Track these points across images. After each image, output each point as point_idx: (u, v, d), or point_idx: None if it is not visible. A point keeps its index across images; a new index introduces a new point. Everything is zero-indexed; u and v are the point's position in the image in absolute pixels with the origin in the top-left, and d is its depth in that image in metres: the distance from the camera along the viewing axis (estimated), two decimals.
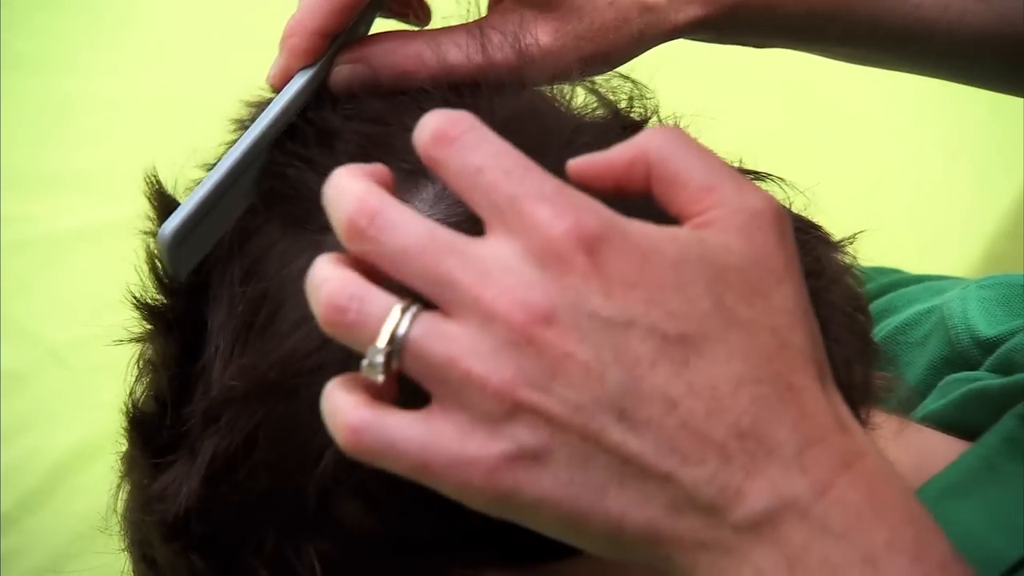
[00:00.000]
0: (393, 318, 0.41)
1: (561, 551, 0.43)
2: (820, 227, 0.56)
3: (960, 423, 0.58)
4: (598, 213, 0.41)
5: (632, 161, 0.44)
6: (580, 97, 0.56)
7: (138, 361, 0.56)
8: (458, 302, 0.41)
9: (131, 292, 0.55)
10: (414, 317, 0.41)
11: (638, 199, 0.44)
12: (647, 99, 0.56)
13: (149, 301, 0.54)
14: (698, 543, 0.41)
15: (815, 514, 0.40)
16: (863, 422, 0.53)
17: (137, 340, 0.56)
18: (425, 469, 0.41)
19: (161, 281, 0.54)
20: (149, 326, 0.55)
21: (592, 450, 0.40)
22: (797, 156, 1.13)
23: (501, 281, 0.41)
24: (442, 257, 0.41)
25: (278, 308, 0.50)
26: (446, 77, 0.54)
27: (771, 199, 0.43)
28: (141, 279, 0.55)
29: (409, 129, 0.44)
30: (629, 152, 0.44)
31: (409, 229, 0.42)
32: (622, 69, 0.58)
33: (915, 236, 1.11)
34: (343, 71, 0.54)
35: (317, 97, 0.55)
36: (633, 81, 0.57)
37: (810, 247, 0.53)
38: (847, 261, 0.55)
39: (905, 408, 0.60)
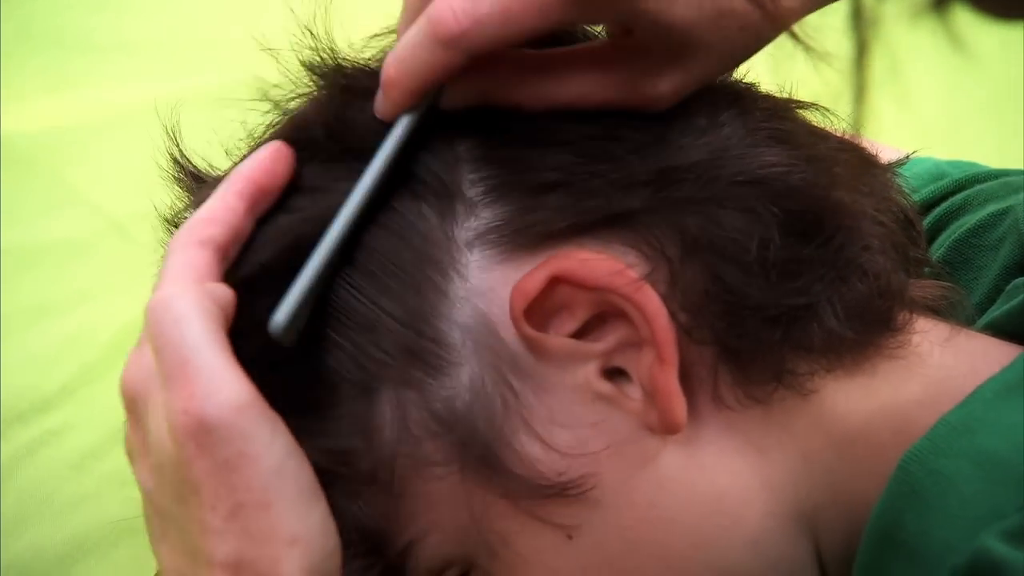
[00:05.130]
0: None
1: None
2: (863, 149, 0.58)
3: (1022, 327, 0.56)
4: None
5: None
6: None
7: None
8: None
9: None
10: None
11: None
12: None
13: None
14: None
15: None
16: (901, 325, 0.54)
17: None
18: None
19: None
20: None
21: None
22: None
23: None
24: None
25: None
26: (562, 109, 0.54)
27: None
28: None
29: None
30: None
31: None
32: None
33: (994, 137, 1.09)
34: (456, 96, 0.54)
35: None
36: None
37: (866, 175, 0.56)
38: (893, 180, 0.58)
39: (965, 317, 0.59)
